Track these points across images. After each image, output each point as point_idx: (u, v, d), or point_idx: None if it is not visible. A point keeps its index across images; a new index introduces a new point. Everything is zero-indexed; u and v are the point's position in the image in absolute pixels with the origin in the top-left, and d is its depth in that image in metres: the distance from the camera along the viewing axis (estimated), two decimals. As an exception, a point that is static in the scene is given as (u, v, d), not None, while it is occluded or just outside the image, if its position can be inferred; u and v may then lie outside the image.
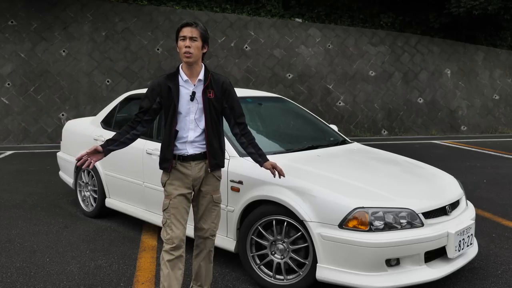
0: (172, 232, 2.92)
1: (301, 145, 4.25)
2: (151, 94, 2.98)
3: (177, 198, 2.96)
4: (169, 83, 2.93)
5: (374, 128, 13.35)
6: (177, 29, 2.94)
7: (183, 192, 2.98)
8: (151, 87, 2.99)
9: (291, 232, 3.36)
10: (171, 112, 2.93)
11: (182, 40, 2.89)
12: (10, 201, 5.93)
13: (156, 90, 2.96)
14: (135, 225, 4.94)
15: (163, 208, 3.00)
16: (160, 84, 2.95)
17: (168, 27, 13.35)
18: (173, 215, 2.95)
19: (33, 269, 3.85)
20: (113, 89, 12.31)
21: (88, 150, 2.91)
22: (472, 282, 3.62)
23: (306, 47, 14.01)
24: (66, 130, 5.79)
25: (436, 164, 8.26)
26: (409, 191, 3.45)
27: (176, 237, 2.92)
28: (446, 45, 14.91)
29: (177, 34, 2.94)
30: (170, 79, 2.95)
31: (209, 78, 2.96)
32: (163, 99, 2.95)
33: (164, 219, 2.98)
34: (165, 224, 2.97)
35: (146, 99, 3.00)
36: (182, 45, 2.88)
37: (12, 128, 11.43)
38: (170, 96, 2.93)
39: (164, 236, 2.96)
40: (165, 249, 2.94)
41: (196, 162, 2.99)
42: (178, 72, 2.97)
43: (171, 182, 2.99)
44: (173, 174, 2.99)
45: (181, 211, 2.97)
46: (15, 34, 12.30)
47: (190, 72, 2.94)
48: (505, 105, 14.45)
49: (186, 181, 2.99)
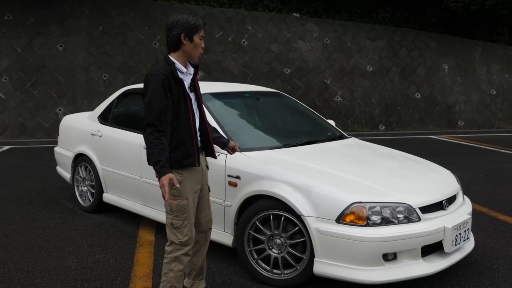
0: (191, 232, 2.84)
1: (298, 140, 4.25)
2: (163, 88, 2.71)
3: (192, 197, 2.86)
4: (174, 75, 2.77)
5: (372, 123, 13.36)
6: (198, 25, 2.78)
7: (198, 188, 2.91)
8: (161, 81, 2.70)
9: (289, 227, 3.37)
10: (183, 105, 2.78)
11: (201, 39, 2.82)
12: (7, 196, 5.92)
13: (166, 83, 2.72)
14: (133, 220, 4.94)
15: (178, 210, 2.80)
16: (168, 77, 2.74)
17: (166, 21, 13.30)
18: (191, 215, 2.84)
19: (30, 264, 3.85)
20: (110, 84, 12.28)
21: (167, 186, 2.68)
22: (468, 276, 3.64)
23: (303, 42, 13.98)
24: (63, 125, 5.78)
25: (433, 159, 8.27)
26: (406, 186, 3.46)
27: (193, 238, 2.88)
28: (444, 40, 14.90)
29: (196, 30, 2.78)
30: (173, 71, 2.77)
31: (199, 68, 2.94)
32: (172, 92, 2.76)
33: (179, 221, 2.80)
34: (181, 226, 2.81)
35: (157, 97, 2.70)
36: (200, 44, 2.81)
37: (9, 123, 11.39)
38: (179, 89, 2.78)
39: (179, 239, 2.81)
40: (183, 252, 2.82)
41: (201, 154, 2.98)
42: (174, 64, 2.82)
43: (187, 181, 2.83)
44: (187, 172, 2.84)
45: (194, 209, 2.91)
46: (12, 29, 12.24)
47: (185, 64, 2.88)
48: (502, 100, 14.47)
49: (199, 176, 2.92)
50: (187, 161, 2.80)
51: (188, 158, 2.80)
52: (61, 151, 5.77)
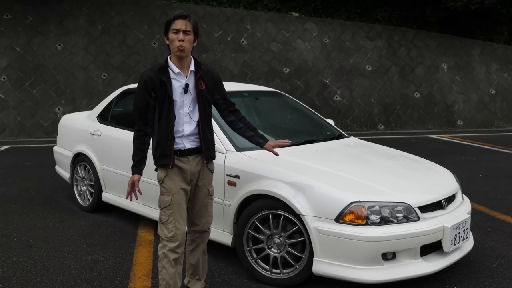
0: (176, 229, 2.86)
1: (297, 139, 4.25)
2: (145, 89, 2.81)
3: (178, 194, 2.90)
4: (160, 77, 2.80)
5: (371, 122, 13.37)
6: (169, 20, 2.82)
7: (183, 187, 2.93)
8: (143, 82, 2.81)
9: (288, 226, 3.37)
10: (167, 106, 2.82)
11: (174, 33, 2.78)
12: (6, 195, 5.91)
13: (150, 84, 2.80)
14: (132, 220, 4.94)
15: (163, 205, 2.90)
16: (152, 78, 2.80)
17: (165, 21, 13.16)
18: (177, 211, 2.88)
19: (29, 263, 3.85)
20: (109, 83, 12.27)
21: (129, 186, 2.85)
22: (467, 275, 3.64)
23: (302, 41, 13.98)
24: (62, 124, 5.78)
25: (432, 158, 8.26)
26: (405, 185, 3.46)
27: (181, 234, 2.88)
28: (443, 39, 14.90)
29: (169, 26, 2.82)
30: (161, 72, 2.82)
31: (202, 70, 2.92)
32: (156, 93, 2.81)
33: (165, 216, 2.89)
34: (167, 222, 2.87)
35: (140, 97, 2.83)
36: (175, 38, 2.77)
37: (8, 122, 11.38)
38: (163, 90, 2.81)
39: (165, 234, 2.88)
40: (169, 248, 2.86)
41: (193, 156, 2.96)
42: (168, 65, 2.85)
43: (170, 178, 2.90)
44: (171, 170, 2.90)
45: (183, 207, 2.93)
46: (11, 28, 12.22)
47: (180, 64, 2.85)
48: (501, 100, 14.48)
49: (185, 176, 2.93)
50: (163, 161, 2.90)
51: (164, 158, 2.89)
52: (60, 151, 5.76)
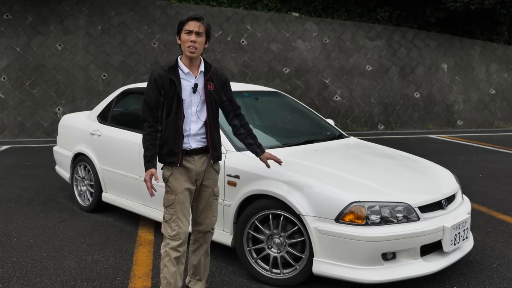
0: (178, 228, 2.88)
1: (298, 139, 4.25)
2: (155, 86, 2.85)
3: (182, 193, 2.91)
4: (170, 76, 2.86)
5: (371, 122, 13.37)
6: (182, 21, 2.84)
7: (188, 186, 2.94)
8: (153, 79, 2.86)
9: (288, 226, 3.37)
10: (175, 105, 2.86)
11: (187, 34, 2.82)
12: (6, 195, 5.91)
13: (159, 82, 2.85)
14: (132, 220, 4.94)
15: (167, 204, 2.92)
16: (162, 76, 2.86)
17: (165, 21, 13.30)
18: (180, 210, 2.90)
19: (29, 263, 3.85)
20: (109, 83, 12.27)
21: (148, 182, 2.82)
22: (467, 275, 3.64)
23: (302, 41, 13.98)
24: (62, 124, 5.78)
25: (432, 158, 8.28)
26: (405, 185, 3.46)
27: (183, 233, 2.90)
28: (443, 39, 14.91)
29: (182, 26, 2.85)
30: (171, 71, 2.88)
31: (211, 71, 2.96)
32: (165, 91, 2.86)
33: (168, 215, 2.91)
34: (170, 220, 2.90)
35: (150, 95, 2.86)
36: (187, 39, 2.81)
37: (8, 122, 11.38)
38: (172, 89, 2.86)
39: (168, 233, 2.90)
40: (171, 247, 2.88)
41: (199, 156, 2.97)
42: (178, 65, 2.91)
43: (175, 177, 2.92)
44: (176, 169, 2.92)
45: (186, 206, 2.94)
46: (11, 28, 12.22)
47: (190, 64, 2.90)
48: (501, 100, 14.48)
49: (190, 175, 2.95)
50: (170, 159, 2.91)
51: (171, 156, 2.91)
52: (60, 151, 5.76)
